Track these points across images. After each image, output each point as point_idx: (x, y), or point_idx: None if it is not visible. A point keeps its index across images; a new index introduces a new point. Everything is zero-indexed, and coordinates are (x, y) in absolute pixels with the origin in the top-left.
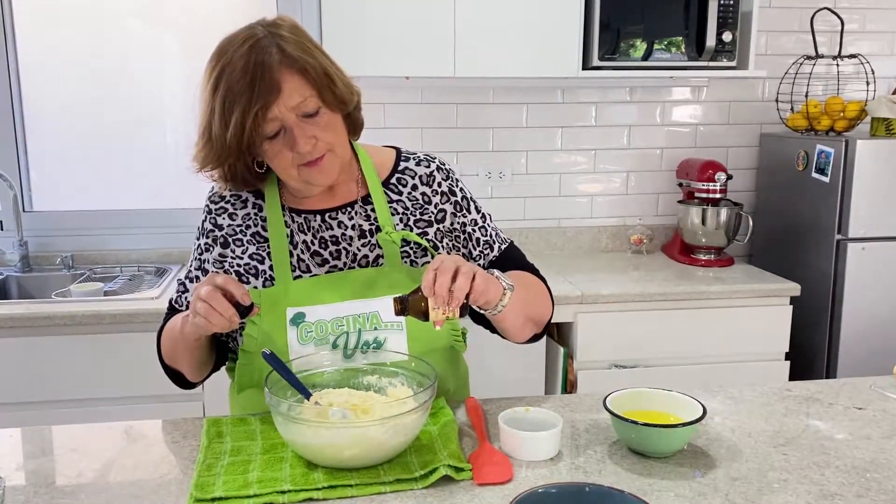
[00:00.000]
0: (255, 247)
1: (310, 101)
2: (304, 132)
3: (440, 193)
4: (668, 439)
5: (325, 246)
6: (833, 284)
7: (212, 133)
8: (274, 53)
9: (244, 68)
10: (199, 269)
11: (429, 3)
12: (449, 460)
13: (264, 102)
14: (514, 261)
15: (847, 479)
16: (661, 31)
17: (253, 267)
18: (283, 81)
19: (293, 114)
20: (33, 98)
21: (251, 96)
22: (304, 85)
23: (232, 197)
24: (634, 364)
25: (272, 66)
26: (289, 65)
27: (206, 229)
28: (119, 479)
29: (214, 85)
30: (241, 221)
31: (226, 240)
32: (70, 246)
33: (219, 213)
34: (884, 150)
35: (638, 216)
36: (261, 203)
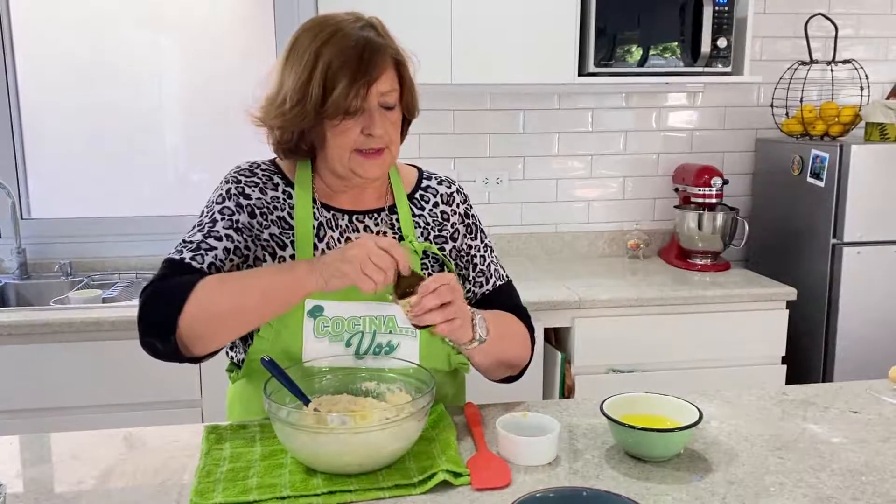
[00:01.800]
0: (278, 229)
1: (394, 94)
2: (382, 119)
3: (458, 214)
4: (665, 443)
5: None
6: (829, 288)
7: (306, 94)
8: (380, 40)
9: (355, 44)
10: (231, 227)
11: (425, 10)
12: (447, 466)
13: (369, 78)
14: (506, 299)
15: (843, 483)
16: (657, 37)
17: (271, 247)
18: (386, 67)
19: (377, 100)
20: (31, 105)
21: (359, 69)
22: (395, 77)
23: (263, 176)
24: (632, 368)
25: (382, 47)
26: (393, 53)
27: (233, 194)
28: (119, 486)
29: (319, 49)
30: (270, 201)
31: (253, 210)
32: (68, 253)
33: (248, 185)
34: (878, 154)
35: (635, 221)
36: (290, 190)
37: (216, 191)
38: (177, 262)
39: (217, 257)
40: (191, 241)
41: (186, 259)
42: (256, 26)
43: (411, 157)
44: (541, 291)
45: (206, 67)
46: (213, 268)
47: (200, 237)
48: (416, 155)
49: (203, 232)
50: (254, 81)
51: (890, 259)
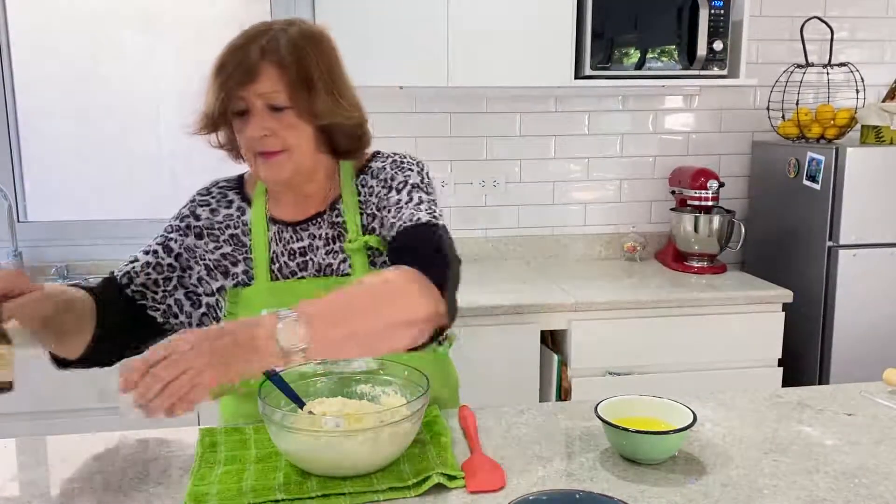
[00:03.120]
0: (230, 248)
1: (280, 95)
2: (261, 120)
3: (383, 181)
4: (659, 446)
5: (293, 257)
6: (825, 291)
7: (205, 98)
8: (265, 42)
9: (237, 47)
10: (161, 244)
11: (422, 13)
12: (442, 468)
13: (239, 81)
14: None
15: (836, 485)
16: (654, 39)
17: (224, 266)
18: (261, 69)
19: (261, 101)
20: (28, 108)
21: (231, 72)
22: (278, 79)
23: (218, 194)
24: (628, 371)
25: (257, 53)
26: (271, 56)
27: (183, 215)
28: (114, 490)
29: (218, 55)
30: (222, 219)
31: (201, 231)
32: (64, 256)
33: (201, 205)
34: (874, 157)
35: (631, 224)
36: (244, 206)
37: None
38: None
39: (134, 269)
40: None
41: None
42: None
43: None
44: (537, 294)
45: (201, 69)
46: (126, 276)
47: (139, 251)
48: None
49: (143, 247)
50: None
51: (886, 261)
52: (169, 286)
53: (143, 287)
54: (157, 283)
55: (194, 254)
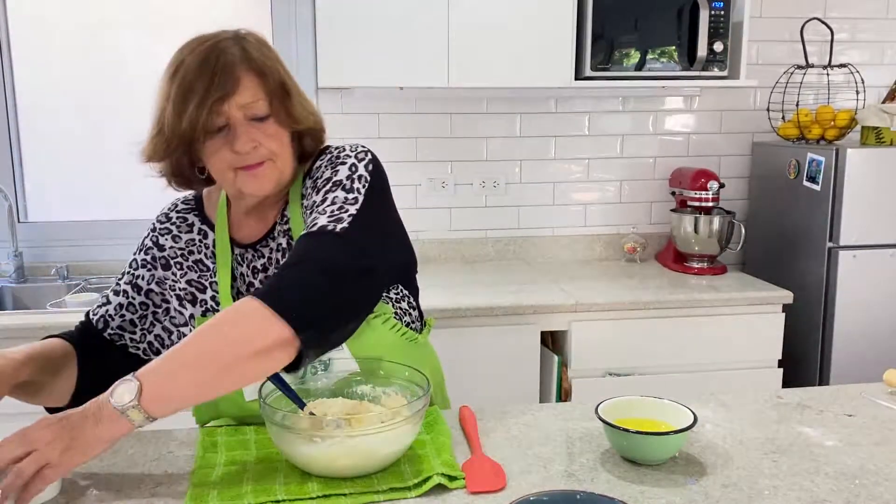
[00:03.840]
0: (196, 274)
1: (261, 104)
2: (247, 133)
3: (314, 180)
4: (659, 447)
5: (256, 275)
6: (825, 292)
7: (164, 122)
8: (236, 52)
9: (205, 60)
10: (130, 283)
11: (422, 14)
12: (442, 469)
13: (220, 95)
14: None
15: (836, 486)
16: (654, 40)
17: (190, 294)
18: (241, 78)
19: (241, 113)
20: (29, 108)
21: (209, 87)
22: (258, 87)
23: (178, 219)
24: (629, 372)
25: (234, 61)
26: (248, 64)
27: (146, 246)
28: (113, 490)
29: (172, 73)
30: (185, 245)
31: (167, 262)
32: (65, 256)
33: (162, 234)
34: (874, 158)
35: (631, 225)
36: (205, 229)
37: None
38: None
39: (108, 312)
40: (104, 294)
41: (90, 313)
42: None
43: (408, 161)
44: (537, 295)
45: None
46: (102, 320)
47: (110, 290)
48: (413, 158)
49: (114, 284)
50: None
51: (886, 262)
52: (146, 324)
53: (120, 329)
54: (134, 322)
55: (165, 286)
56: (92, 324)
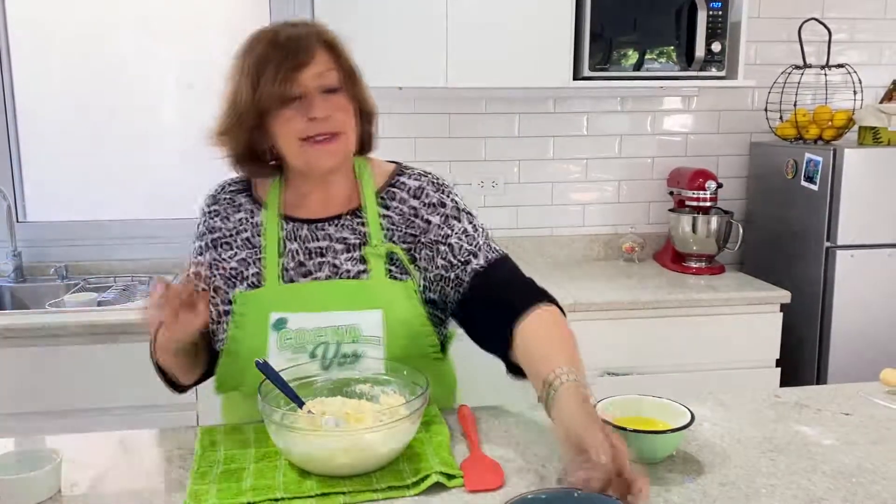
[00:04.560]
0: (244, 252)
1: (332, 74)
2: (321, 102)
3: (429, 205)
4: (657, 445)
5: (309, 257)
6: (822, 291)
7: (238, 95)
8: (310, 27)
9: (278, 35)
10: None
11: (421, 14)
12: (441, 467)
13: (294, 64)
14: (505, 275)
15: (834, 484)
16: (652, 41)
17: (239, 272)
18: (316, 51)
19: (316, 83)
20: (28, 108)
21: (283, 57)
22: (330, 60)
23: (225, 201)
24: (627, 371)
25: (309, 35)
26: (321, 37)
27: (201, 232)
28: (114, 489)
29: (249, 49)
30: (234, 225)
31: (217, 242)
32: (64, 256)
33: (212, 216)
34: (871, 158)
35: (630, 224)
36: (253, 209)
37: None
38: None
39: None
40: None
41: None
42: (253, 28)
43: (407, 161)
44: None
45: (201, 70)
46: None
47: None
48: (412, 158)
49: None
50: None
51: (883, 262)
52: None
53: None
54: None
55: (217, 268)
56: None
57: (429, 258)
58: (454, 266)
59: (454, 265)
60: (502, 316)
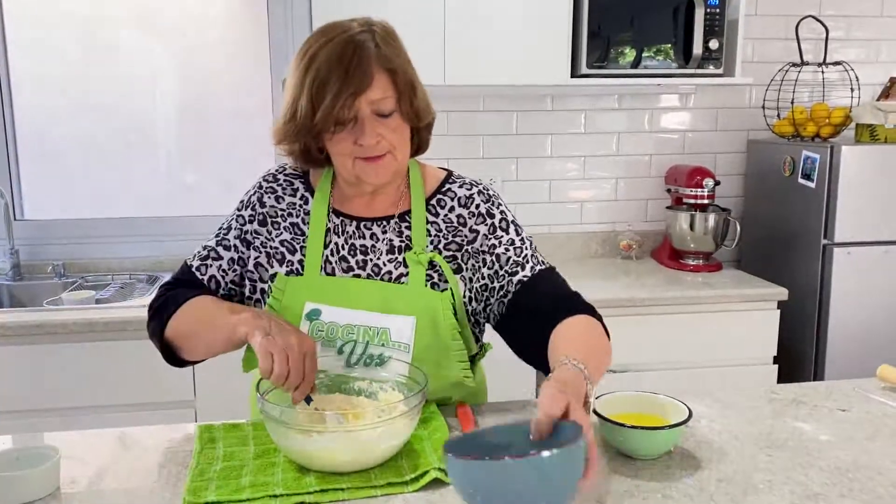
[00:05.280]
0: (290, 235)
1: (388, 101)
2: (373, 127)
3: (477, 215)
4: (654, 441)
5: (353, 253)
6: (820, 289)
7: (297, 109)
8: (371, 47)
9: (341, 54)
10: (238, 237)
11: (419, 11)
12: (440, 464)
13: (355, 90)
14: (551, 287)
15: (830, 480)
16: (650, 38)
17: (281, 253)
18: (374, 75)
19: (369, 108)
20: (24, 106)
21: (345, 81)
22: (388, 85)
23: (285, 182)
24: (624, 369)
25: (369, 57)
26: (382, 61)
27: (251, 202)
28: (112, 486)
29: (308, 65)
30: (286, 207)
31: (265, 218)
32: (61, 254)
33: (267, 192)
34: (868, 155)
35: (627, 222)
36: (308, 196)
37: (245, 193)
38: (186, 267)
39: (221, 268)
40: (206, 245)
41: (194, 267)
42: (250, 26)
43: None
44: None
45: (199, 68)
46: (213, 280)
47: (213, 243)
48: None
49: (218, 238)
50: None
51: (880, 259)
52: (255, 277)
53: (234, 284)
54: (244, 277)
55: (256, 240)
56: (203, 283)
57: (475, 268)
58: (500, 276)
59: (500, 276)
60: (543, 325)
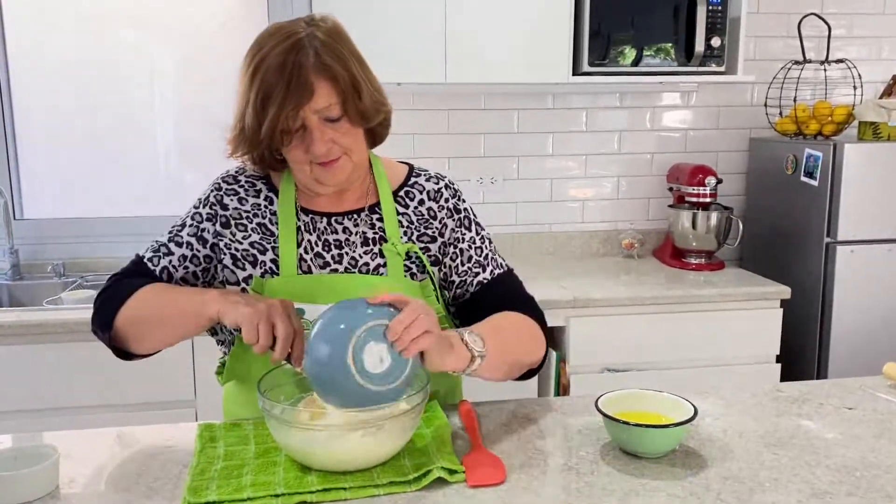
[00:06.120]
0: (259, 236)
1: (334, 108)
2: (322, 134)
3: (445, 209)
4: (660, 439)
5: (328, 248)
6: (823, 287)
7: (245, 123)
8: (311, 56)
9: (281, 66)
10: (194, 235)
11: (420, 10)
12: (442, 462)
13: (297, 103)
14: (508, 289)
15: (837, 478)
16: (651, 37)
17: (252, 255)
18: (315, 85)
19: (316, 116)
20: (24, 105)
21: (286, 95)
22: (331, 92)
23: (246, 183)
24: (627, 368)
25: (307, 69)
26: (321, 70)
27: (210, 202)
28: (111, 486)
29: (251, 77)
30: (250, 209)
31: (227, 220)
32: (61, 254)
33: (228, 193)
34: (871, 153)
35: (629, 221)
36: (272, 196)
37: (201, 194)
38: (137, 258)
39: (171, 263)
40: (158, 241)
41: (145, 258)
42: (249, 25)
43: (406, 157)
44: (535, 291)
45: (198, 67)
46: (166, 272)
47: (166, 239)
48: (411, 154)
49: (171, 234)
50: None
51: (883, 257)
52: (208, 277)
53: (183, 281)
54: (196, 275)
55: (220, 242)
56: (155, 274)
57: (447, 261)
58: (460, 273)
59: (460, 272)
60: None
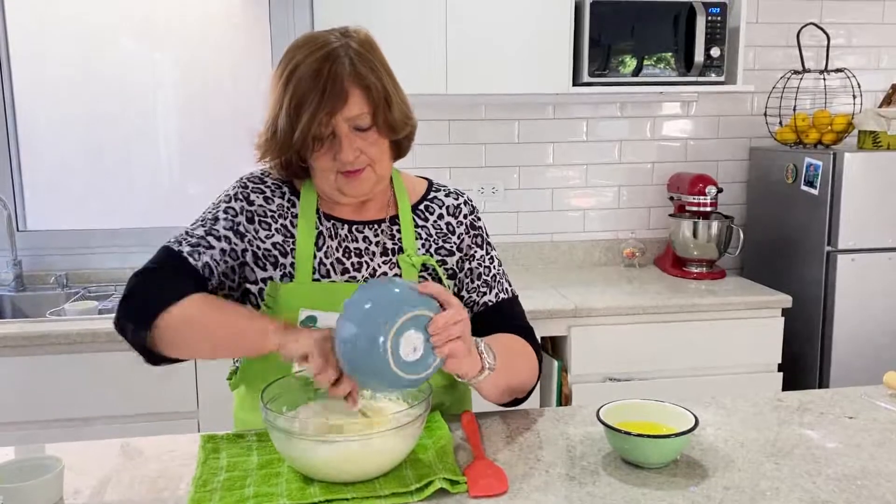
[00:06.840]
0: (281, 237)
1: (365, 117)
2: (351, 143)
3: (464, 225)
4: (661, 450)
5: (348, 255)
6: (824, 295)
7: (277, 127)
8: (346, 64)
9: (317, 73)
10: (231, 229)
11: (421, 21)
12: (444, 473)
13: (331, 109)
14: (511, 316)
15: (838, 487)
16: (651, 47)
17: (273, 256)
18: (349, 93)
19: (347, 124)
20: (27, 117)
21: (320, 101)
22: (363, 101)
23: (273, 184)
24: (628, 377)
25: (343, 76)
26: (356, 79)
27: (237, 196)
28: (115, 497)
29: (286, 82)
30: (276, 209)
31: (252, 216)
32: (64, 265)
33: (254, 191)
34: (871, 162)
35: (630, 230)
36: (295, 199)
37: (224, 192)
38: (174, 252)
39: (213, 257)
40: (192, 234)
41: (184, 252)
42: (251, 33)
43: (407, 167)
44: (537, 300)
45: (201, 76)
46: (208, 268)
47: (202, 232)
48: (413, 165)
49: (205, 228)
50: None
51: (884, 266)
52: (243, 272)
53: (224, 276)
54: (234, 269)
55: (247, 235)
56: (198, 270)
57: (461, 277)
58: (469, 290)
59: (469, 289)
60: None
